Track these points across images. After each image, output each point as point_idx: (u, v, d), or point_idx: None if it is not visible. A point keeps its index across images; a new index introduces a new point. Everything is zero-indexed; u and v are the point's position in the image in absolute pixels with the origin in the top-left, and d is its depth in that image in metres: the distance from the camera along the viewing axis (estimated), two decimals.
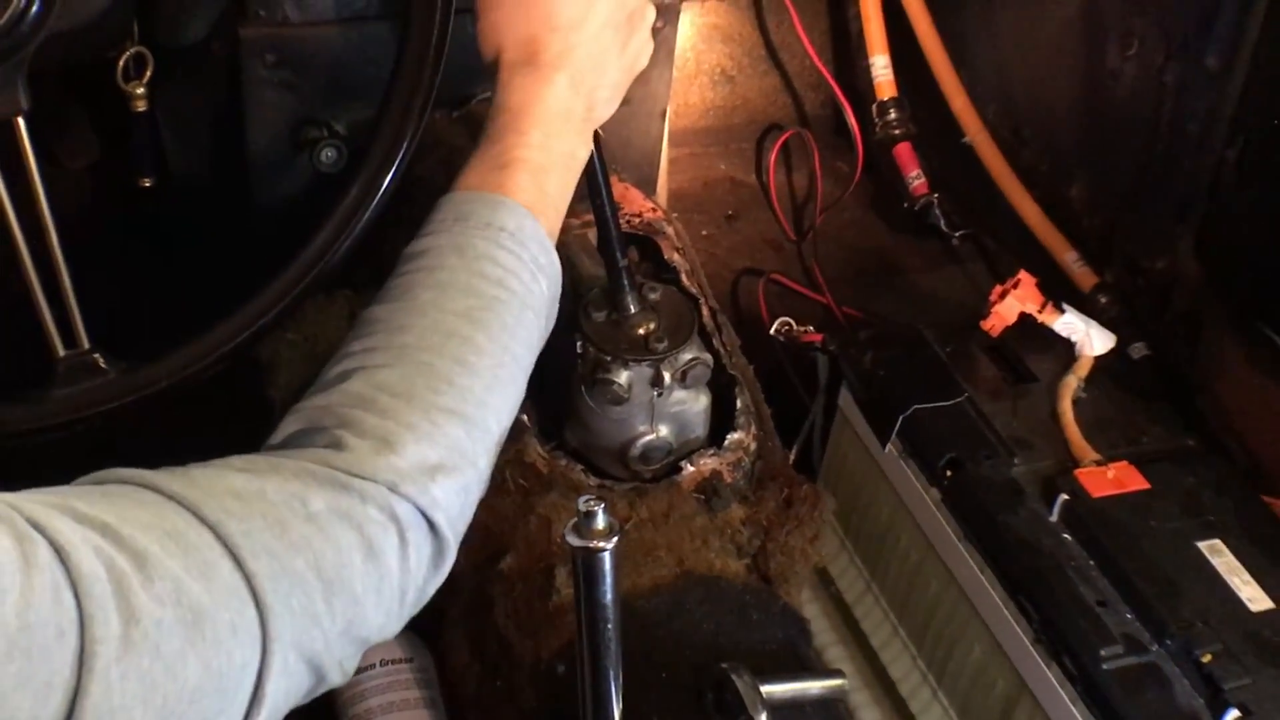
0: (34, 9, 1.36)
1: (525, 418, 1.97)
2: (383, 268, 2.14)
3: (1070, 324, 2.39)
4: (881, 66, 3.13)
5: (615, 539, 1.37)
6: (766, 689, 1.66)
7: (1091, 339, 2.37)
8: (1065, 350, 2.39)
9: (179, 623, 1.04)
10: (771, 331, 2.76)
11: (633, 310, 1.93)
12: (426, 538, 1.30)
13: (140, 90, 1.99)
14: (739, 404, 2.07)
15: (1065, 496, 2.08)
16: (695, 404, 1.98)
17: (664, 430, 1.97)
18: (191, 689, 1.05)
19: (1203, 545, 2.04)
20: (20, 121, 1.46)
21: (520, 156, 1.54)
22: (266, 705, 1.12)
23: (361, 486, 1.23)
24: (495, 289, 1.44)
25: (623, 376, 1.88)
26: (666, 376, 1.90)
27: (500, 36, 1.60)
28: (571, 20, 1.60)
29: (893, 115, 3.13)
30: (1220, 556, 2.03)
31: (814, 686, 1.73)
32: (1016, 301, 2.41)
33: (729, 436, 2.02)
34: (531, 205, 1.52)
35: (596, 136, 1.74)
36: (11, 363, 1.54)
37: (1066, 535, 2.06)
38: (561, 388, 1.98)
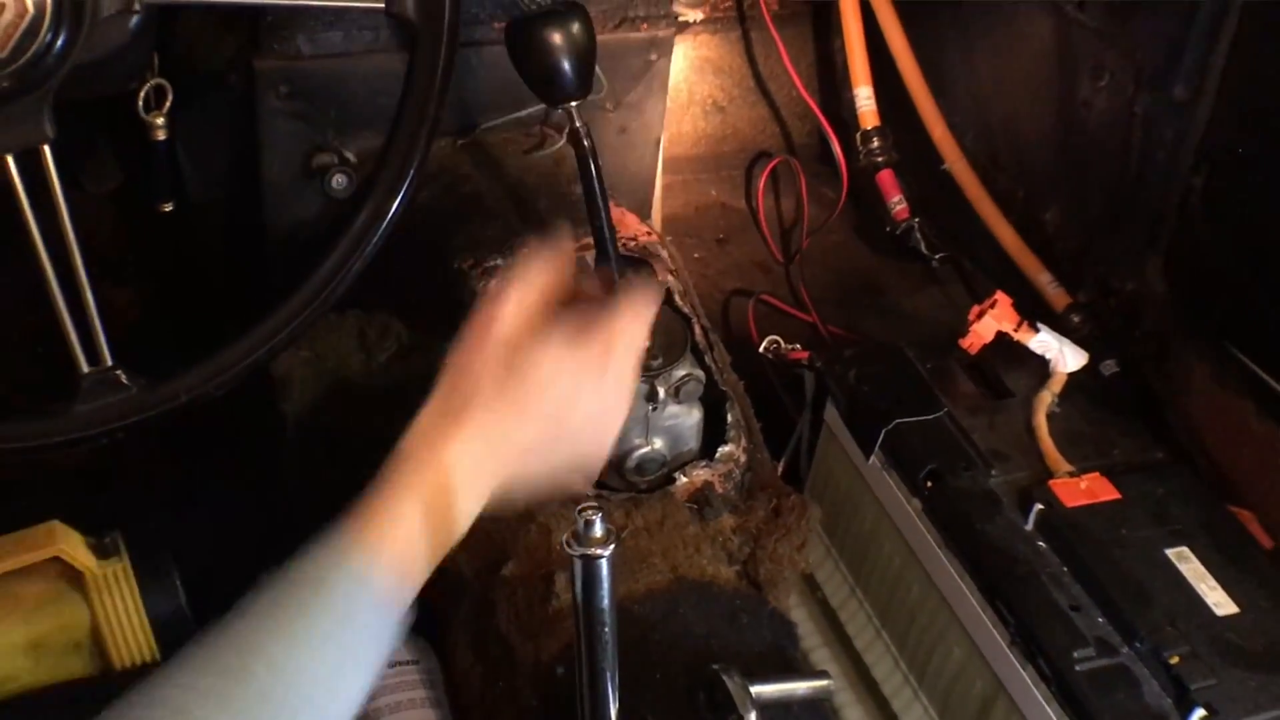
0: (59, 43, 1.37)
1: None
2: (391, 288, 2.15)
3: (1045, 342, 2.39)
4: (865, 97, 3.13)
5: (612, 546, 1.37)
6: (756, 689, 1.66)
7: (1065, 356, 2.38)
8: (1040, 367, 2.39)
9: None
10: (760, 349, 2.77)
11: None
12: None
13: (160, 120, 2.00)
14: (730, 418, 2.07)
15: (1040, 506, 2.08)
16: (688, 418, 1.99)
17: (658, 443, 1.97)
18: None
19: (1171, 553, 2.05)
20: (46, 149, 1.47)
21: (429, 532, 1.32)
22: None
23: None
24: (359, 662, 1.24)
25: None
26: (661, 392, 1.91)
27: (475, 387, 1.35)
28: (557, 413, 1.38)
29: (875, 144, 3.13)
30: (1187, 563, 2.03)
31: (801, 687, 1.74)
32: (993, 321, 2.41)
33: (720, 449, 2.02)
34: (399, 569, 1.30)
35: (596, 164, 1.74)
36: (38, 379, 1.54)
37: (1041, 543, 2.07)
38: None
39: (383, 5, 1.53)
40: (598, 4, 2.47)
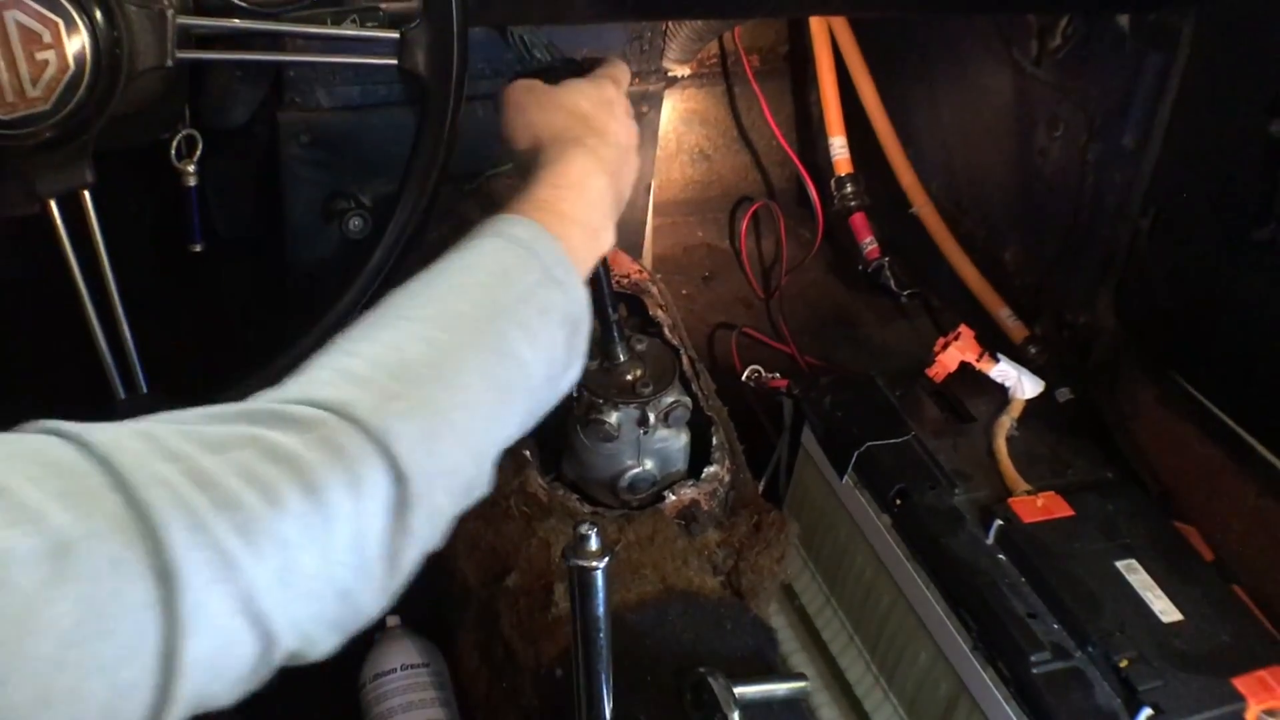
0: (98, 96, 1.37)
1: (527, 453, 1.98)
2: None
3: (1004, 371, 2.39)
4: (839, 146, 3.14)
5: (606, 559, 1.37)
6: (739, 690, 1.66)
7: (1023, 384, 2.38)
8: (1000, 394, 2.40)
9: (38, 554, 0.82)
10: (743, 378, 2.77)
11: (622, 359, 1.94)
12: (384, 476, 1.02)
13: (191, 167, 2.00)
14: (715, 441, 2.07)
15: (1000, 522, 2.08)
16: (676, 441, 1.99)
17: (649, 464, 1.97)
18: (67, 630, 0.82)
19: (1120, 564, 2.05)
20: (86, 194, 1.47)
21: (562, 211, 1.39)
22: (188, 669, 0.88)
23: (299, 414, 1.01)
24: (497, 282, 1.26)
25: (613, 417, 1.89)
26: (651, 417, 1.91)
27: (535, 139, 1.52)
28: (603, 124, 1.54)
29: (849, 189, 3.14)
30: (1135, 574, 2.03)
31: (780, 688, 1.73)
32: (957, 351, 2.42)
33: (706, 469, 2.03)
34: (560, 234, 1.35)
35: None
36: (78, 405, 1.54)
37: (1001, 556, 2.07)
38: (559, 427, 1.98)
39: (396, 62, 1.54)
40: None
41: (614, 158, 1.52)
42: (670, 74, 2.71)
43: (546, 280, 1.29)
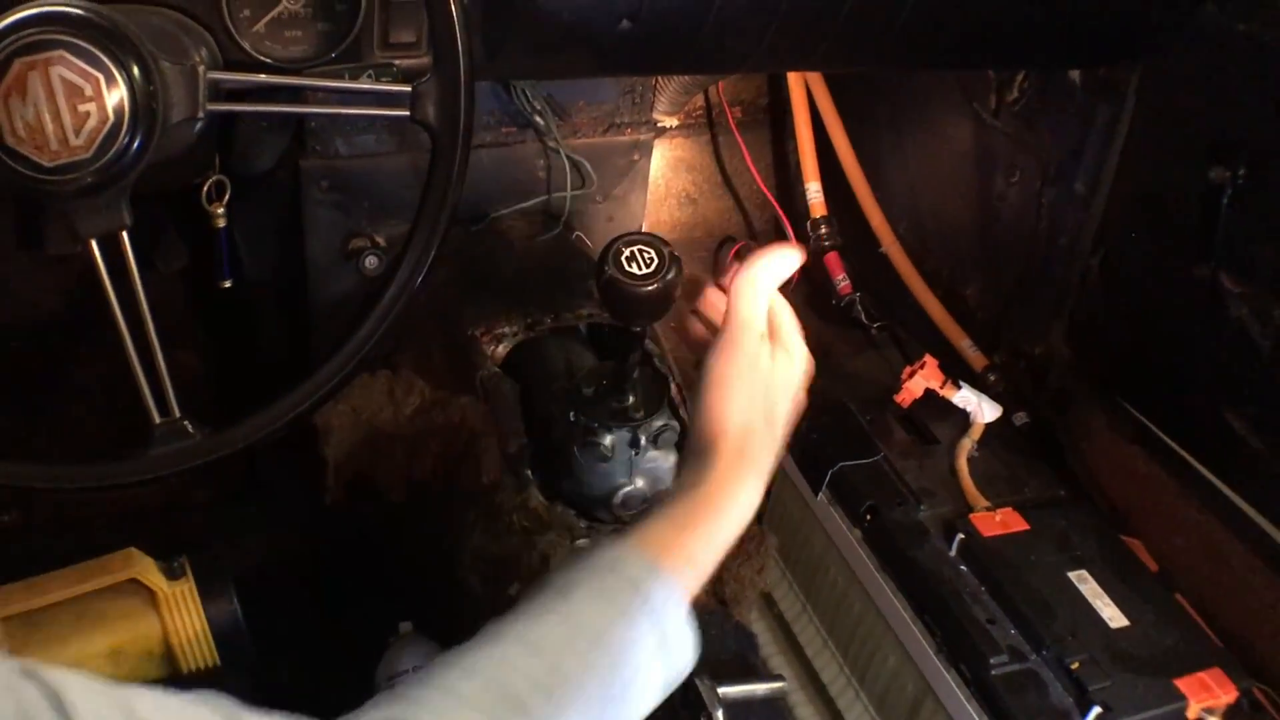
0: (135, 145, 1.37)
1: (529, 472, 1.98)
2: (415, 351, 2.14)
3: (966, 397, 2.40)
4: (814, 191, 3.14)
5: None
6: (722, 690, 1.66)
7: (983, 409, 2.39)
8: (962, 419, 2.40)
9: None
10: None
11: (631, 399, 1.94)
12: None
13: (220, 210, 2.00)
14: None
15: (962, 536, 2.09)
16: (666, 461, 1.98)
17: (640, 482, 1.97)
18: None
19: (1072, 575, 2.05)
20: (124, 235, 1.47)
21: (703, 550, 1.32)
22: None
23: None
24: (611, 658, 1.17)
25: (607, 439, 1.89)
26: (643, 439, 1.91)
27: (723, 425, 1.39)
28: (779, 420, 1.47)
29: (823, 230, 3.14)
30: (1086, 584, 2.04)
31: (761, 689, 1.73)
32: (922, 379, 2.43)
33: None
34: (690, 590, 1.28)
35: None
36: (118, 428, 1.54)
37: (963, 567, 2.07)
38: (558, 449, 1.98)
39: (408, 114, 1.54)
40: (589, 112, 2.49)
41: (771, 464, 1.45)
42: (659, 124, 2.71)
43: (656, 651, 1.22)
